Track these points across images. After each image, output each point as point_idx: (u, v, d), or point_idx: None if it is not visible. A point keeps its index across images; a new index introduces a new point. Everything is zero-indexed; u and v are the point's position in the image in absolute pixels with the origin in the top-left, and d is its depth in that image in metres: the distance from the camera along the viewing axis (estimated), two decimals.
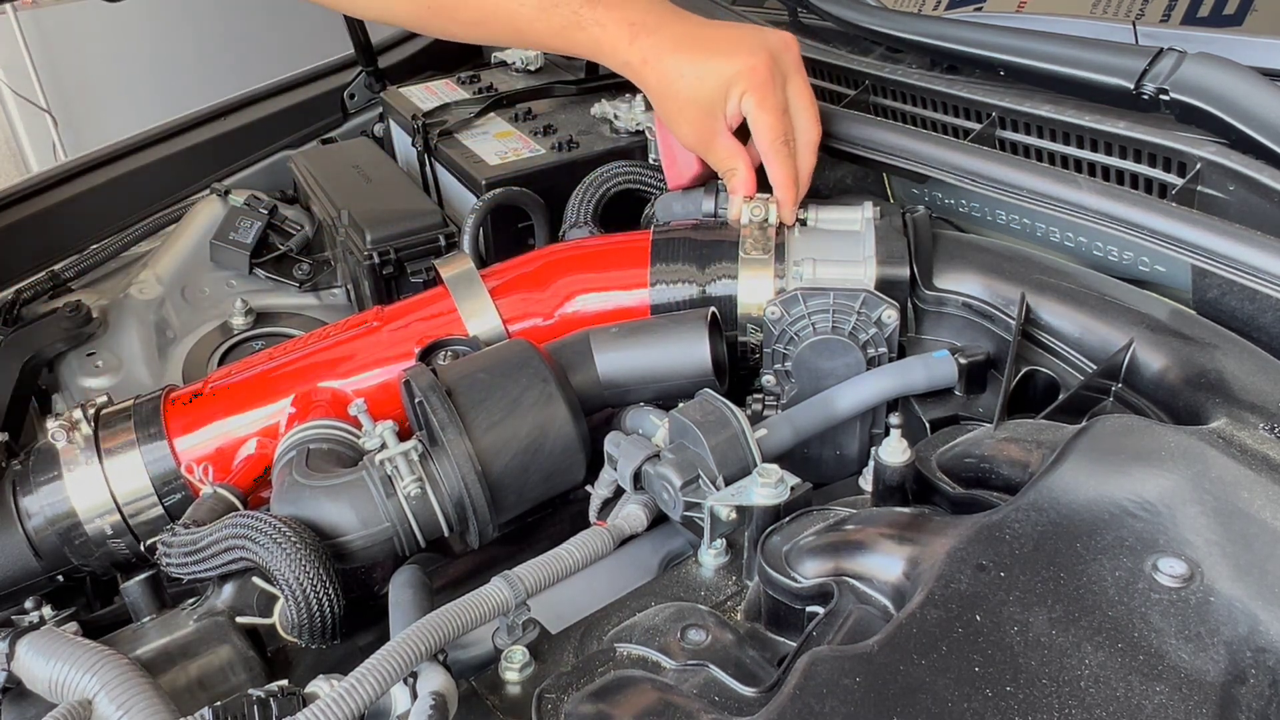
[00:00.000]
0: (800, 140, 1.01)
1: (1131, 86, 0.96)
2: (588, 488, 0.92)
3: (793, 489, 0.76)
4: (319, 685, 0.68)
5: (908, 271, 0.96)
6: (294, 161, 1.56)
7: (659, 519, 0.87)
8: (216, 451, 0.98)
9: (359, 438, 0.90)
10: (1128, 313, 0.88)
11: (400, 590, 0.80)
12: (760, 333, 0.99)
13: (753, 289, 0.99)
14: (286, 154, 1.65)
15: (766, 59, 0.98)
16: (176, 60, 3.20)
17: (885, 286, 0.95)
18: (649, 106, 1.30)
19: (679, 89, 1.00)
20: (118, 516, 0.97)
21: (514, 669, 0.71)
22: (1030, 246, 1.01)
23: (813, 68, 1.26)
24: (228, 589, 0.84)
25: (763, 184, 1.03)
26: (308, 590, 0.78)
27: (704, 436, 0.80)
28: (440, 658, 0.70)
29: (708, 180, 1.10)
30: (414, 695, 0.68)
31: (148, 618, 0.85)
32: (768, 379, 0.98)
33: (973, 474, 0.76)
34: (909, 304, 0.98)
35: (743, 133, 1.03)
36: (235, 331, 1.37)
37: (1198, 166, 0.89)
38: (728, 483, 0.79)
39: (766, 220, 1.00)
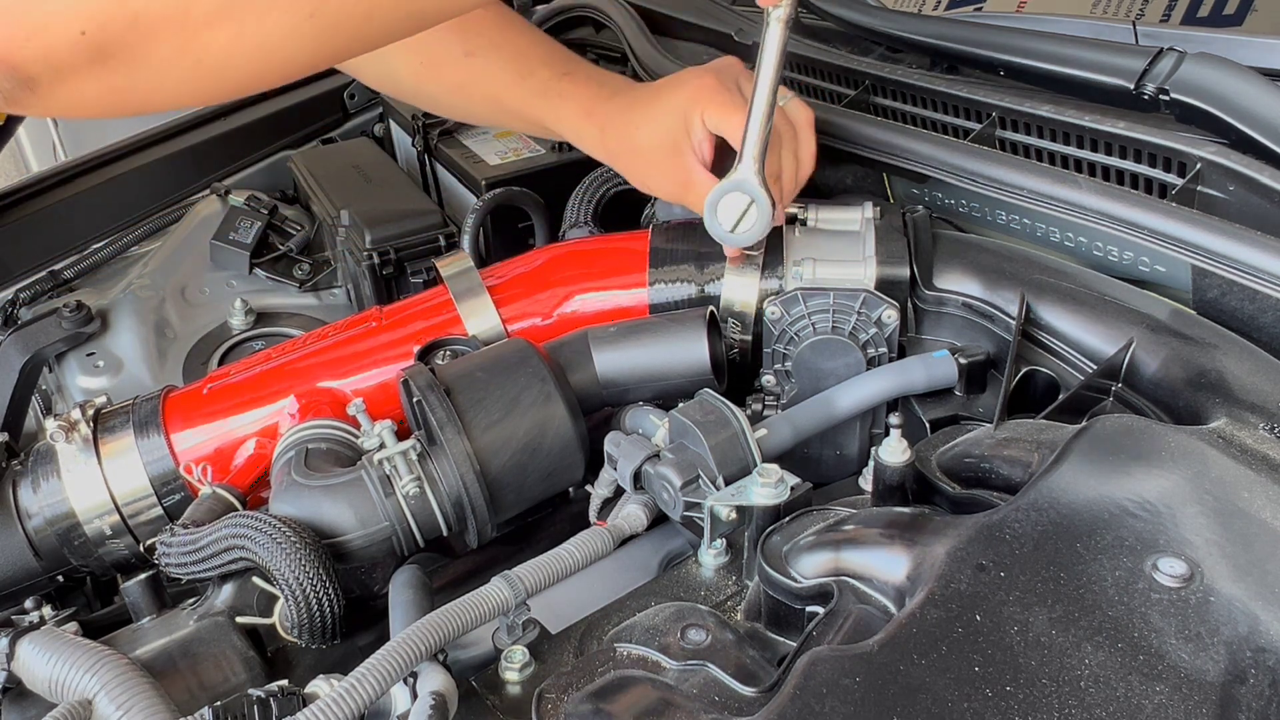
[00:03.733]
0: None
1: (1131, 86, 0.96)
2: (588, 488, 0.92)
3: (793, 489, 0.76)
4: (319, 685, 0.68)
5: (908, 271, 0.96)
6: (294, 161, 1.56)
7: (659, 519, 0.87)
8: (215, 451, 0.98)
9: (358, 437, 0.90)
10: (1128, 313, 0.88)
11: (400, 590, 0.80)
12: (740, 328, 0.99)
13: (736, 286, 0.99)
14: (286, 154, 1.64)
15: (712, 77, 0.98)
16: None
17: (885, 286, 0.95)
18: None
19: (639, 140, 1.00)
20: (117, 517, 0.97)
21: (514, 669, 0.71)
22: (1030, 246, 1.01)
23: (813, 68, 1.26)
24: (227, 589, 0.84)
25: None
26: (307, 590, 0.78)
27: (704, 436, 0.80)
28: (440, 658, 0.70)
29: None
30: (414, 695, 0.68)
31: (148, 618, 0.85)
32: (768, 379, 0.98)
33: (973, 474, 0.76)
34: (909, 304, 0.98)
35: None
36: (235, 331, 1.37)
37: (1198, 166, 0.89)
38: (728, 483, 0.79)
39: None
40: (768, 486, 0.76)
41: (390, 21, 0.74)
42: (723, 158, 0.99)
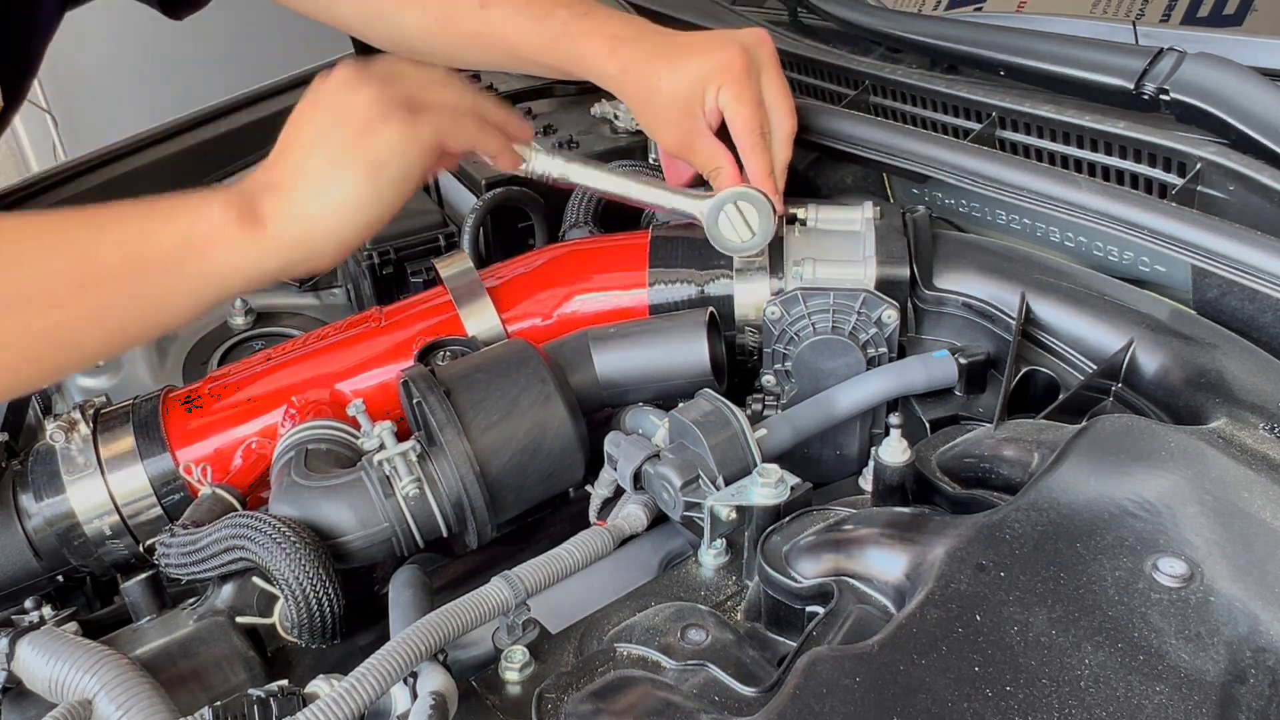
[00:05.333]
0: (776, 133, 1.01)
1: (1131, 86, 0.96)
2: (588, 488, 0.92)
3: (793, 489, 0.76)
4: (319, 685, 0.68)
5: (908, 271, 0.96)
6: None
7: (659, 519, 0.87)
8: (215, 452, 0.98)
9: (357, 438, 0.90)
10: (1128, 313, 0.88)
11: (400, 590, 0.80)
12: (757, 335, 0.99)
13: (749, 292, 0.99)
14: None
15: (740, 52, 0.99)
16: (176, 60, 3.19)
17: (885, 286, 0.95)
18: None
19: (657, 93, 1.00)
20: (116, 517, 0.96)
21: (514, 669, 0.71)
22: (1030, 246, 1.01)
23: (813, 68, 1.26)
24: (227, 589, 0.84)
25: None
26: (307, 590, 0.78)
27: (704, 436, 0.80)
28: (440, 658, 0.70)
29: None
30: (414, 695, 0.68)
31: (148, 618, 0.85)
32: (768, 379, 0.98)
33: (973, 474, 0.76)
34: (909, 304, 0.97)
35: (723, 135, 1.03)
36: (235, 331, 1.37)
37: (1198, 166, 0.89)
38: (728, 483, 0.79)
39: None
40: (768, 486, 0.76)
41: (86, 342, 0.80)
42: (724, 135, 1.02)
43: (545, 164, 0.98)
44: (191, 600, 0.85)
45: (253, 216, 0.80)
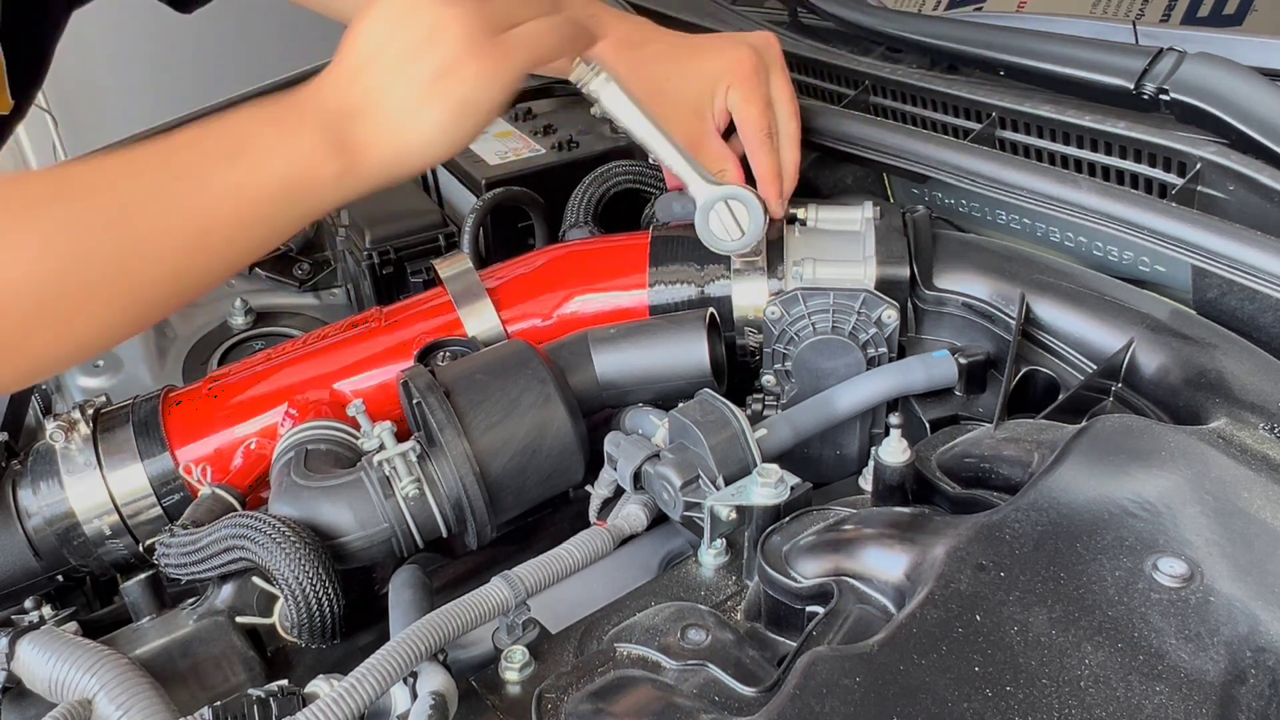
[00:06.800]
0: (782, 133, 1.01)
1: (1131, 86, 0.96)
2: (588, 488, 0.92)
3: (793, 489, 0.76)
4: (319, 685, 0.68)
5: (908, 271, 0.96)
6: None
7: (659, 519, 0.87)
8: (215, 452, 0.98)
9: (357, 438, 0.90)
10: (1128, 313, 0.88)
11: (400, 590, 0.80)
12: (758, 335, 0.99)
13: (747, 292, 0.99)
14: None
15: (750, 53, 1.00)
16: (176, 60, 3.19)
17: (885, 286, 0.95)
18: None
19: (664, 94, 1.01)
20: (116, 517, 0.96)
21: (514, 669, 0.71)
22: (1030, 246, 1.01)
23: (813, 68, 1.26)
24: (227, 589, 0.84)
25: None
26: (307, 590, 0.78)
27: (704, 436, 0.80)
28: (440, 658, 0.70)
29: None
30: (414, 695, 0.68)
31: (148, 618, 0.85)
32: (768, 379, 0.98)
33: (973, 474, 0.76)
34: (909, 304, 0.97)
35: (726, 138, 1.03)
36: (235, 331, 1.37)
37: (1198, 166, 0.89)
38: (728, 483, 0.79)
39: None
40: (768, 486, 0.76)
41: (195, 284, 0.80)
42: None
43: (594, 83, 0.91)
44: (191, 600, 0.85)
45: (343, 147, 0.78)
